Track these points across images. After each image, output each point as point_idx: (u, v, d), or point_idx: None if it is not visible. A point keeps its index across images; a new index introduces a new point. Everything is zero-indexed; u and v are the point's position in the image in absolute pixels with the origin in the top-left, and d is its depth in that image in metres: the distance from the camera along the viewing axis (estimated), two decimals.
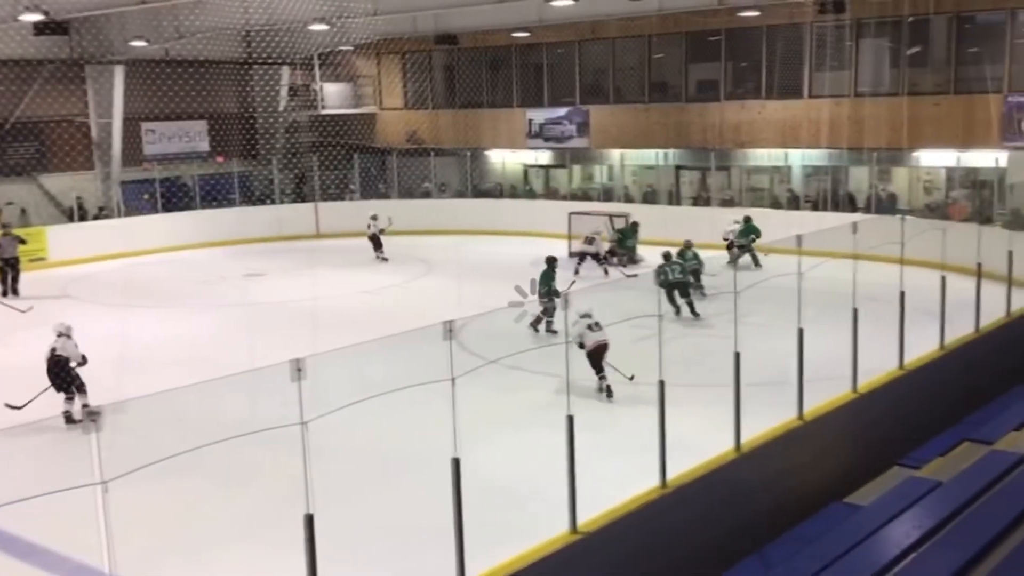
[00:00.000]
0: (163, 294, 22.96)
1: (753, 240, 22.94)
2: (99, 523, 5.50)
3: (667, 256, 18.68)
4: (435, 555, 7.56)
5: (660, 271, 17.62)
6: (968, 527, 7.97)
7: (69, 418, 12.92)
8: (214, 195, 31.83)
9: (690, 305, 18.08)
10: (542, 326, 17.03)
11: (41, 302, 21.88)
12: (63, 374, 13.08)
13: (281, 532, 8.39)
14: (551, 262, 17.72)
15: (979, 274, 13.66)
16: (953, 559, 7.26)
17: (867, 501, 9.82)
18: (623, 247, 24.47)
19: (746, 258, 22.89)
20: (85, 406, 12.64)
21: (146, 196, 31.38)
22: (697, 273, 19.57)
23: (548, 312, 16.73)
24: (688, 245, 20.02)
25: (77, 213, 29.56)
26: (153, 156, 32.50)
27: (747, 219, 23.59)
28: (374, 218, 26.30)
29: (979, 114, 23.09)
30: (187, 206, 31.41)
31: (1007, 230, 19.12)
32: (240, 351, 16.08)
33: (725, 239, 23.63)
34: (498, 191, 33.80)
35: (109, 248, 27.63)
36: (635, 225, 25.02)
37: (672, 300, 17.85)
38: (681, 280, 18.17)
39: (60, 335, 13.28)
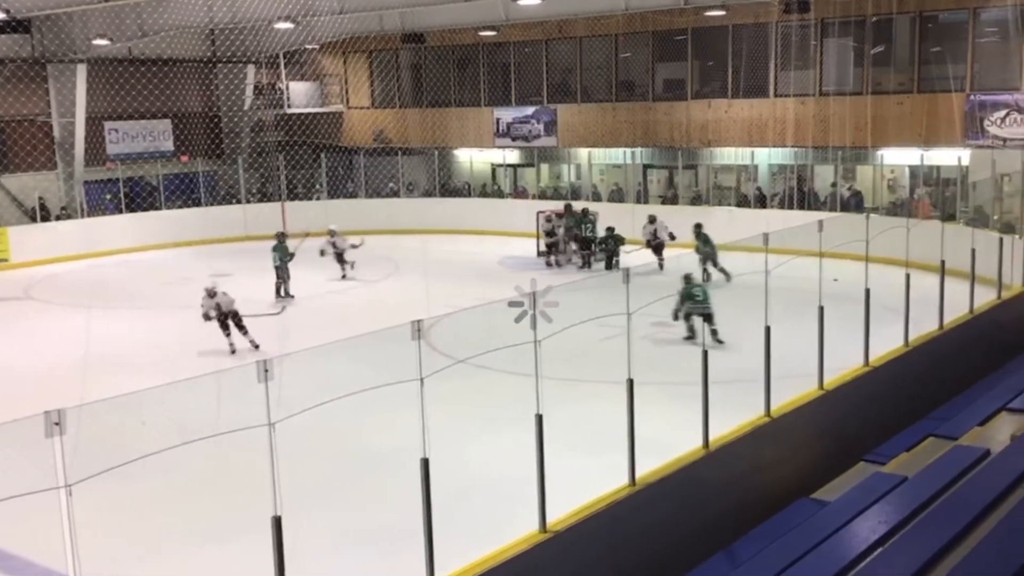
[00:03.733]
0: (127, 295, 22.71)
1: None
2: (63, 527, 5.42)
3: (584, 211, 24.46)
4: (405, 556, 7.53)
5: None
6: (933, 522, 8.03)
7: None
8: (179, 195, 31.55)
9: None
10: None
11: (2, 304, 21.62)
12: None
13: (249, 534, 8.32)
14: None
15: (943, 271, 13.80)
16: (919, 553, 7.31)
17: (834, 497, 9.89)
18: (567, 228, 24.72)
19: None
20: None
21: (109, 196, 31.05)
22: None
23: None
24: (586, 211, 24.40)
25: (39, 213, 29.20)
26: (116, 156, 32.15)
27: (699, 225, 21.57)
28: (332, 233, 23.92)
29: (942, 113, 23.34)
30: (151, 206, 31.10)
31: (970, 227, 19.34)
32: (206, 352, 15.95)
33: (649, 241, 23.34)
34: (466, 190, 33.76)
35: (72, 249, 27.31)
36: (585, 211, 24.93)
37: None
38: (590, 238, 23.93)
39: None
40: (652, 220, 23.55)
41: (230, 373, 10.79)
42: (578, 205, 25.82)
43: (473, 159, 34.03)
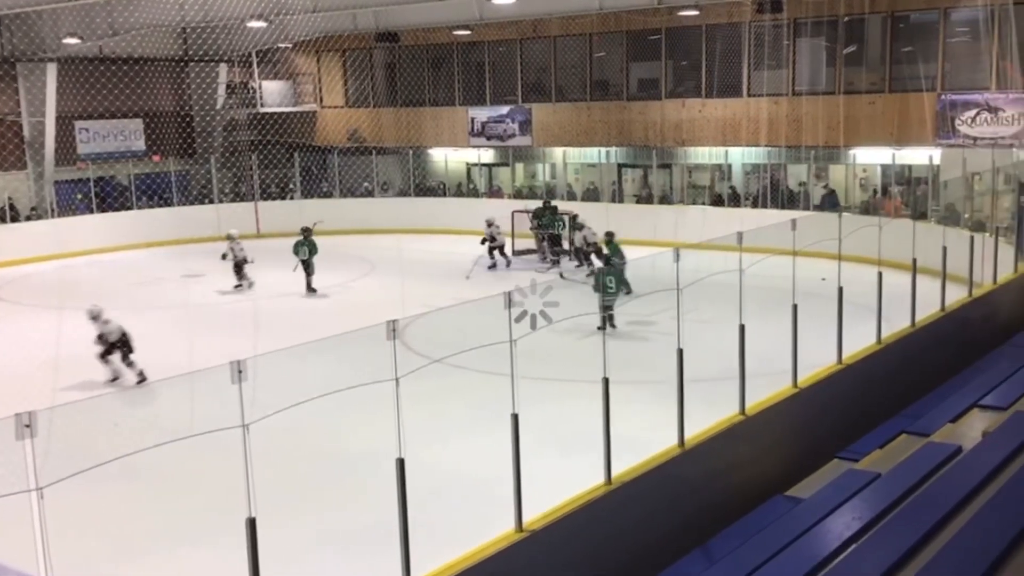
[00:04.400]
0: (99, 296, 22.43)
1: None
2: (35, 530, 5.36)
3: (554, 209, 25.03)
4: (381, 557, 7.50)
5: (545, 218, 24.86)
6: (906, 518, 8.09)
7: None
8: (151, 195, 31.32)
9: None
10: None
11: None
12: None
13: (226, 536, 8.27)
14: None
15: (914, 269, 13.90)
16: (892, 549, 7.36)
17: (808, 494, 9.93)
18: (541, 226, 24.84)
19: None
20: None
21: (80, 196, 30.80)
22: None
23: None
24: (555, 210, 25.10)
25: (9, 214, 28.90)
26: (87, 155, 31.88)
27: (610, 235, 20.04)
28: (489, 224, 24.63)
29: (913, 112, 23.52)
30: (123, 206, 30.87)
31: (941, 226, 19.50)
32: (179, 353, 15.82)
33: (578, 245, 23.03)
34: (441, 190, 33.71)
35: (42, 249, 27.04)
36: (554, 209, 25.17)
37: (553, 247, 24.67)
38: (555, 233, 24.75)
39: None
40: (580, 227, 23.19)
41: (204, 374, 10.70)
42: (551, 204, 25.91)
43: (448, 158, 33.98)
